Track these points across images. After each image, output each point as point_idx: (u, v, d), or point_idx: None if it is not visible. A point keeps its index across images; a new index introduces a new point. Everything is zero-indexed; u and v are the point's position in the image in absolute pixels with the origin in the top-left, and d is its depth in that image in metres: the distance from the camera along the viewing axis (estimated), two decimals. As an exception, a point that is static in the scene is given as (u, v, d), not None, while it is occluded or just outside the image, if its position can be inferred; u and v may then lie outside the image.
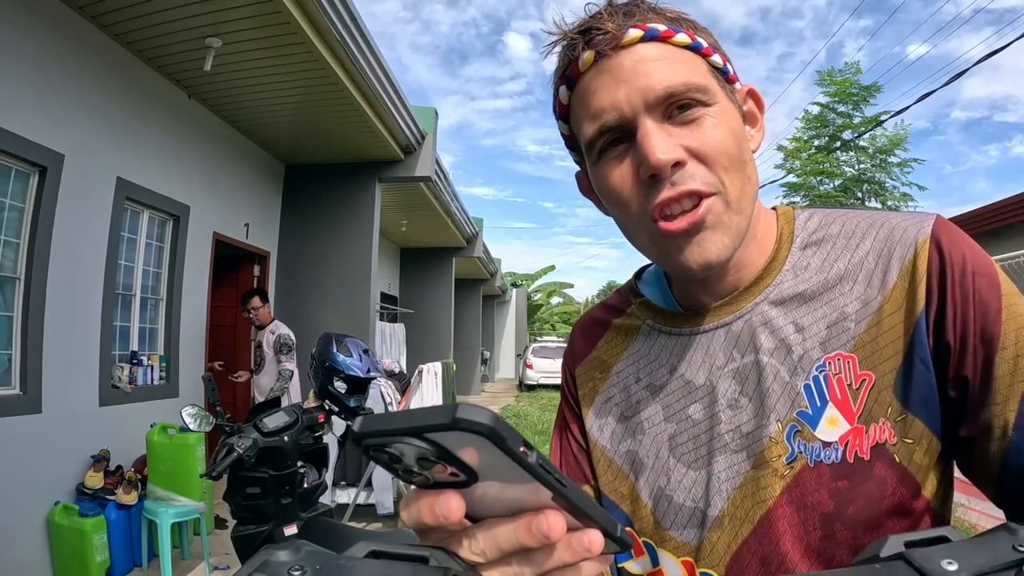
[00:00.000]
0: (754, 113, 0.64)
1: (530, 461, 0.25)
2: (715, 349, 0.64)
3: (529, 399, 15.81)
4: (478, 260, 13.70)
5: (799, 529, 0.57)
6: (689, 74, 0.56)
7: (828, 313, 0.60)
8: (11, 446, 3.24)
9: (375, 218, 6.70)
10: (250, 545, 2.14)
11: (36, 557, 3.39)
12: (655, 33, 0.56)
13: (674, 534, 0.63)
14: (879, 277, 0.58)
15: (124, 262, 4.34)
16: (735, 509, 0.59)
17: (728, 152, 0.56)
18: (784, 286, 0.62)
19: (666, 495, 0.64)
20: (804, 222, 0.65)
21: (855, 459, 0.56)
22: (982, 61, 8.22)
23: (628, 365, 0.71)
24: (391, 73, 5.28)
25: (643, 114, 0.55)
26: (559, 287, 35.56)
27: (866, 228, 0.62)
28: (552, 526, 0.28)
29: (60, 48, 3.60)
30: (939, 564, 0.28)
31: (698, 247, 0.57)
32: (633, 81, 0.55)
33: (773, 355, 0.60)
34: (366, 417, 0.26)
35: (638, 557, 0.67)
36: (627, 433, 0.69)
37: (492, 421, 0.24)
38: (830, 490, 0.56)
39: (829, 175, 18.59)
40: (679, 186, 0.55)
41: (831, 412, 0.57)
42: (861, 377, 0.57)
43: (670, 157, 0.54)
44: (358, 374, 2.71)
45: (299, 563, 0.28)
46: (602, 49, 0.56)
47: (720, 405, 0.62)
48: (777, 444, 0.58)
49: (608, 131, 0.57)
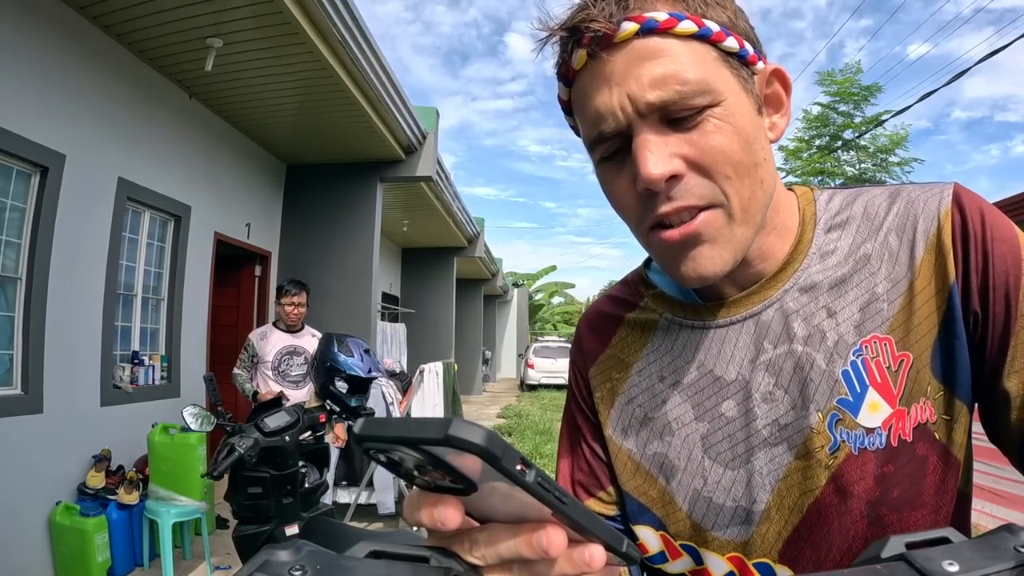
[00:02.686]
0: (779, 96, 0.58)
1: (527, 480, 0.25)
2: (745, 341, 0.61)
3: (531, 399, 15.80)
4: (479, 260, 13.69)
5: (847, 518, 0.56)
6: (692, 73, 0.50)
7: (860, 295, 0.57)
8: (12, 446, 3.24)
9: (376, 218, 6.70)
10: (251, 545, 2.15)
11: (37, 557, 3.39)
12: (653, 25, 0.50)
13: (717, 534, 0.61)
14: (906, 254, 0.57)
15: (125, 262, 4.34)
16: (781, 499, 0.58)
17: (732, 160, 0.52)
18: (812, 271, 0.60)
19: (704, 497, 0.62)
20: (826, 203, 0.63)
21: (899, 442, 0.55)
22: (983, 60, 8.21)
23: (650, 363, 0.67)
24: (392, 73, 5.28)
25: (638, 122, 0.51)
26: (560, 287, 35.52)
27: (888, 204, 0.59)
28: (552, 542, 0.27)
29: (61, 49, 3.60)
30: (940, 565, 0.28)
31: (692, 261, 0.54)
32: (625, 86, 0.51)
33: (807, 343, 0.58)
34: (367, 420, 0.26)
35: (675, 559, 0.65)
36: (654, 435, 0.65)
37: (485, 440, 0.23)
38: (876, 477, 0.55)
39: (830, 175, 18.59)
40: (676, 201, 0.52)
41: (872, 397, 0.55)
42: (899, 358, 0.55)
43: (663, 172, 0.50)
44: (359, 374, 2.71)
45: (300, 563, 0.28)
46: (593, 50, 0.51)
47: (755, 400, 0.60)
48: (819, 435, 0.56)
49: (606, 140, 0.54)
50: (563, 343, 20.45)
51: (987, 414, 0.56)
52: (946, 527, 0.57)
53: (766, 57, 0.58)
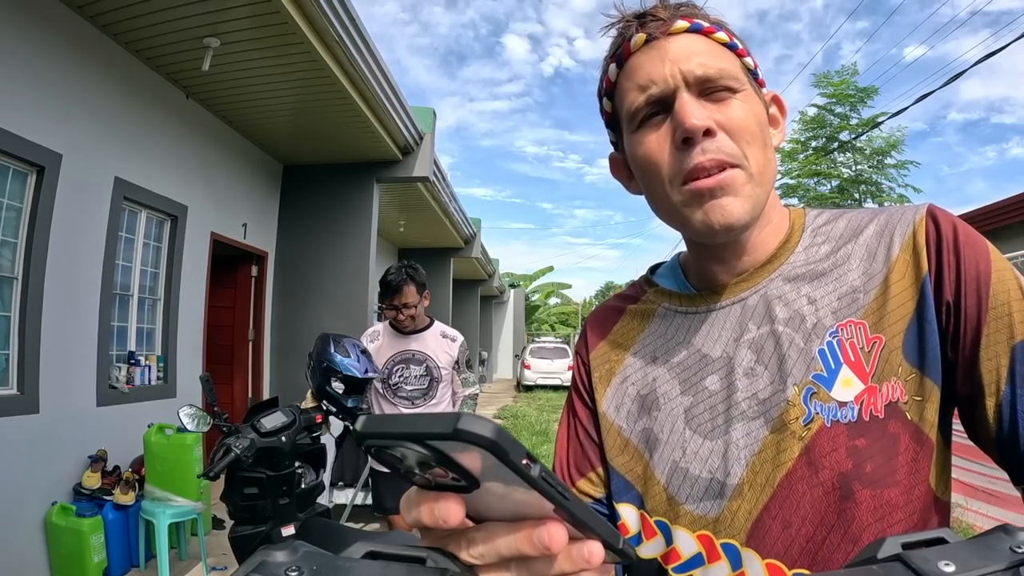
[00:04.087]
0: (777, 118, 0.71)
1: (532, 474, 0.25)
2: (731, 323, 0.68)
3: (527, 399, 15.81)
4: (476, 260, 13.70)
5: (819, 490, 0.58)
6: (725, 64, 0.63)
7: (838, 287, 0.64)
8: (8, 446, 3.23)
9: (373, 218, 6.69)
10: (248, 545, 2.14)
11: (34, 557, 3.38)
12: (700, 27, 0.64)
13: (690, 508, 0.64)
14: (883, 253, 0.63)
15: (122, 262, 4.33)
16: (754, 476, 0.61)
17: (751, 130, 0.62)
18: (796, 265, 0.67)
19: (681, 468, 0.66)
20: (814, 217, 0.71)
21: (870, 417, 0.58)
22: (979, 63, 8.24)
23: (645, 346, 0.74)
24: (389, 74, 5.27)
25: (682, 88, 0.62)
26: (557, 288, 35.54)
27: (869, 219, 0.67)
28: (553, 537, 0.28)
29: (58, 48, 3.59)
30: (936, 566, 0.28)
31: (721, 209, 0.61)
32: (677, 61, 0.62)
33: (788, 324, 0.64)
34: (369, 417, 0.26)
35: (649, 540, 0.68)
36: (643, 411, 0.71)
37: (494, 434, 0.24)
38: (847, 449, 0.58)
39: (826, 176, 18.63)
40: (709, 154, 0.60)
41: (845, 373, 0.60)
42: (872, 340, 0.60)
43: (703, 123, 0.60)
44: (356, 374, 2.71)
45: (296, 563, 0.28)
46: (653, 32, 0.64)
47: (737, 374, 0.65)
48: (794, 407, 0.61)
49: (652, 102, 0.64)
50: (559, 344, 20.44)
51: (965, 408, 0.59)
52: (933, 524, 0.58)
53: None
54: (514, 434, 0.87)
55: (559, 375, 18.49)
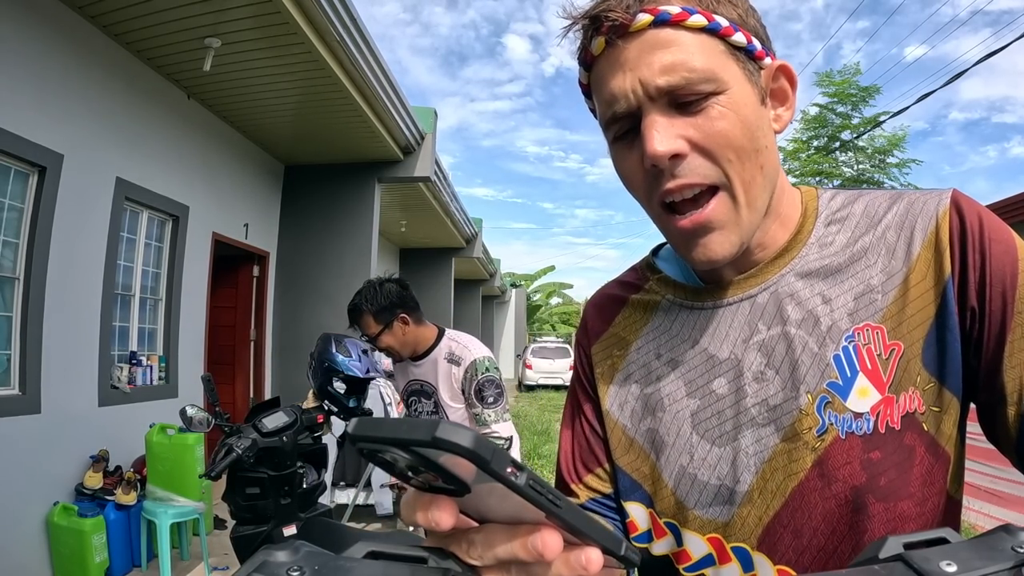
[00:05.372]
0: (784, 91, 0.61)
1: (518, 483, 0.25)
2: (739, 322, 0.63)
3: (529, 399, 15.81)
4: (477, 260, 13.69)
5: (831, 502, 0.56)
6: (699, 63, 0.54)
7: (855, 285, 0.59)
8: (10, 446, 3.24)
9: (374, 218, 6.69)
10: (249, 545, 2.14)
11: (35, 557, 3.39)
12: (666, 17, 0.54)
13: (698, 513, 0.62)
14: (903, 249, 0.58)
15: (123, 262, 4.33)
16: (765, 483, 0.59)
17: (734, 144, 0.55)
18: (810, 259, 0.62)
19: (688, 474, 0.63)
20: (828, 201, 0.65)
21: (886, 429, 0.55)
22: (980, 62, 8.23)
23: (648, 341, 0.70)
24: (391, 74, 5.27)
25: (648, 104, 0.55)
26: (558, 287, 35.51)
27: (888, 205, 0.62)
28: (547, 544, 0.27)
29: (59, 48, 3.60)
30: (938, 565, 0.28)
31: (703, 247, 0.57)
32: (638, 71, 0.54)
33: (801, 326, 0.60)
34: (361, 420, 0.26)
35: (660, 539, 0.66)
36: (647, 411, 0.67)
37: (472, 443, 0.23)
38: (862, 462, 0.55)
39: (828, 175, 18.61)
40: (679, 178, 0.55)
41: (862, 382, 0.56)
42: (891, 347, 0.57)
43: (667, 149, 0.54)
44: (357, 374, 2.70)
45: (298, 563, 0.28)
46: (610, 37, 0.56)
47: (746, 378, 0.61)
48: (808, 416, 0.57)
49: (619, 119, 0.58)
50: (561, 343, 20.42)
51: (984, 412, 0.56)
52: (942, 527, 0.58)
53: (774, 53, 0.61)
54: (515, 434, 0.86)
55: (561, 375, 18.47)
